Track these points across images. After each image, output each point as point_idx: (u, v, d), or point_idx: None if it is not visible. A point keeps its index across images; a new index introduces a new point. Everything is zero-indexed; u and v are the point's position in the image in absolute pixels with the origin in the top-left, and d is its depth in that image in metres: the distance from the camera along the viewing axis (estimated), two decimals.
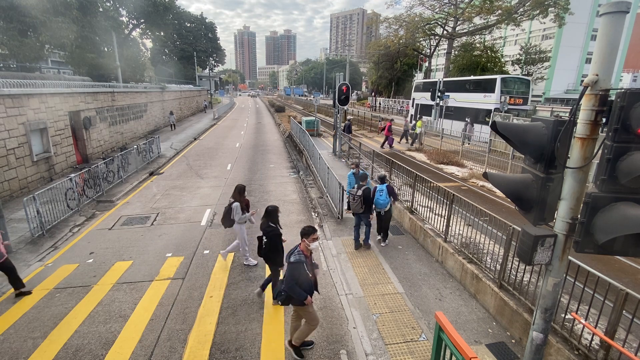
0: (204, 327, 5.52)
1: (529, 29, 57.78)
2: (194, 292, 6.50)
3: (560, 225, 2.63)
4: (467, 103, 27.20)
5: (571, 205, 2.56)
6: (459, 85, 29.53)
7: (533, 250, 2.58)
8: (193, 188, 13.25)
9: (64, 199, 9.92)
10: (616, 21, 2.26)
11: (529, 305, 5.05)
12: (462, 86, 29.12)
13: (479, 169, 15.60)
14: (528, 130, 2.67)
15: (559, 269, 2.67)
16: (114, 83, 23.67)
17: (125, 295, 6.38)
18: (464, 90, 28.43)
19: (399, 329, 5.43)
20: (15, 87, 11.92)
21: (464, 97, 27.73)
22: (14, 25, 17.57)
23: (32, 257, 7.89)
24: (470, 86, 28.35)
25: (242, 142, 24.37)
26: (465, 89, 28.46)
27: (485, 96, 25.26)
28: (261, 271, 7.20)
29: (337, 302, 6.17)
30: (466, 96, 27.57)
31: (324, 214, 10.19)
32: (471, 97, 27.03)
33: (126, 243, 8.58)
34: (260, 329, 5.47)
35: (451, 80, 32.74)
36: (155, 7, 32.62)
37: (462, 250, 6.93)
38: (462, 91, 28.48)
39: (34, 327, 5.55)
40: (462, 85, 29.39)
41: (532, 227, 2.72)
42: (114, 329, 5.50)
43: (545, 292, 2.74)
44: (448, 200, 7.23)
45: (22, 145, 12.02)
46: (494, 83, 24.78)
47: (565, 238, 2.61)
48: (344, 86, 17.18)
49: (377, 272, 7.08)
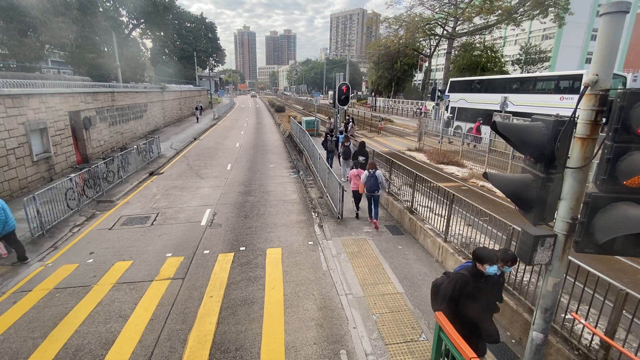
0: (204, 327, 5.52)
1: (529, 29, 57.81)
2: (194, 292, 6.50)
3: (560, 225, 2.63)
4: (532, 107, 19.05)
5: (571, 205, 2.57)
6: (520, 84, 22.26)
7: (533, 250, 2.59)
8: (193, 188, 13.25)
9: (64, 199, 9.91)
10: (616, 21, 2.26)
11: (528, 305, 5.05)
12: (524, 85, 21.90)
13: (479, 169, 15.61)
14: (528, 130, 2.67)
15: (559, 269, 2.67)
16: (114, 83, 23.67)
17: (125, 295, 6.38)
18: (526, 90, 21.37)
19: (399, 329, 5.43)
20: (15, 87, 11.92)
21: (527, 99, 20.50)
22: (14, 25, 17.58)
23: (32, 257, 7.88)
24: (538, 85, 21.05)
25: (242, 142, 24.38)
26: (528, 89, 21.34)
27: (563, 98, 18.26)
28: (261, 271, 7.20)
29: (337, 302, 6.17)
30: (531, 99, 20.35)
31: (324, 214, 10.19)
32: (540, 100, 19.53)
33: (126, 243, 8.58)
34: (261, 329, 5.47)
35: (506, 77, 26.23)
36: (155, 7, 32.63)
37: (462, 250, 6.93)
38: (522, 92, 21.46)
39: (34, 327, 5.55)
40: (524, 84, 22.04)
41: (532, 227, 2.72)
42: (114, 329, 5.49)
43: (545, 292, 2.75)
44: (448, 200, 7.24)
45: (22, 145, 12.02)
46: (580, 80, 17.43)
47: (565, 238, 2.61)
48: (344, 86, 17.18)
49: (377, 272, 7.08)
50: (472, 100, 25.12)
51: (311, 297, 6.32)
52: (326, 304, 6.12)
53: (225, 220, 10.04)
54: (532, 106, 19.49)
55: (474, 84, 26.81)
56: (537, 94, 20.31)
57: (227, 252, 8.04)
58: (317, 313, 5.85)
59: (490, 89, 24.05)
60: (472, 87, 26.55)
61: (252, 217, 10.29)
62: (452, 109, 27.87)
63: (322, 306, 6.04)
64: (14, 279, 7.00)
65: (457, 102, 26.91)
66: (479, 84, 26.15)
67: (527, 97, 20.59)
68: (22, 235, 8.65)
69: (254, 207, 11.16)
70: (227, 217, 10.24)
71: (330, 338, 5.28)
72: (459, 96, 26.84)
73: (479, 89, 25.23)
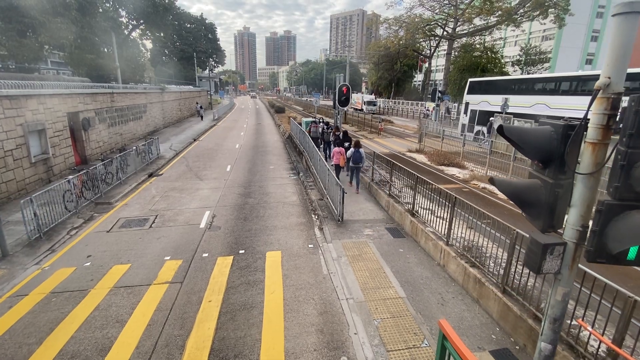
0: (203, 332, 5.42)
1: (529, 30, 57.81)
2: (193, 296, 6.40)
3: (570, 233, 2.54)
4: (574, 112, 15.33)
5: (581, 213, 2.48)
6: (560, 85, 18.76)
7: (542, 259, 2.49)
8: (192, 190, 13.16)
9: (61, 201, 9.82)
10: (629, 22, 2.18)
11: (533, 311, 4.95)
12: (564, 86, 18.38)
13: (480, 170, 15.52)
14: (536, 135, 2.59)
15: (568, 278, 2.58)
16: (114, 84, 23.60)
17: (122, 300, 6.28)
18: (567, 92, 17.93)
19: (400, 334, 5.33)
20: (13, 88, 11.84)
21: (567, 102, 17.07)
22: (12, 26, 17.49)
23: (29, 260, 7.79)
24: (586, 86, 16.99)
25: (242, 143, 24.29)
26: (569, 91, 17.86)
27: None
28: (260, 275, 7.11)
29: (337, 306, 6.08)
30: (570, 101, 16.92)
31: (324, 216, 10.10)
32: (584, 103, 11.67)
33: (124, 246, 8.49)
34: (260, 334, 5.38)
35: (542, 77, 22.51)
36: (154, 7, 32.58)
37: (464, 254, 6.84)
38: (560, 93, 18.30)
39: (29, 332, 5.46)
40: (564, 84, 18.43)
41: (540, 235, 2.63)
42: (110, 334, 5.40)
43: (554, 302, 2.65)
44: (450, 203, 7.15)
45: (20, 147, 11.93)
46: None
47: (576, 246, 2.52)
48: (344, 87, 17.11)
49: (378, 276, 6.99)
50: (497, 102, 22.00)
51: (311, 301, 6.22)
52: (327, 308, 6.02)
53: (224, 222, 9.95)
54: (572, 110, 15.95)
55: (500, 84, 23.92)
56: (580, 96, 16.51)
57: (226, 255, 7.95)
58: (317, 318, 5.75)
59: (520, 90, 21.45)
60: (497, 87, 23.57)
61: (251, 219, 10.19)
62: (471, 112, 25.02)
63: (323, 311, 5.95)
64: (10, 283, 6.91)
65: (479, 104, 24.16)
66: (507, 84, 23.33)
67: (566, 99, 17.27)
68: (19, 238, 8.58)
69: (253, 209, 11.07)
70: (226, 220, 10.14)
71: (330, 344, 5.18)
72: (481, 98, 24.14)
73: (507, 89, 22.44)
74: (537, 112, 18.90)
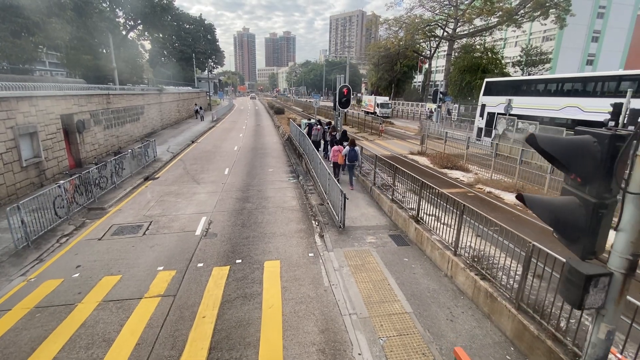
0: (195, 353, 5.04)
1: (530, 30, 57.48)
2: (186, 311, 6.02)
3: (617, 262, 2.17)
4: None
5: (632, 239, 2.11)
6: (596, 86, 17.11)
7: (585, 292, 2.13)
8: (189, 194, 12.77)
9: (52, 207, 9.43)
10: None
11: (552, 331, 4.58)
12: (603, 85, 16.77)
13: (485, 173, 15.16)
14: (575, 147, 2.22)
15: (614, 314, 2.21)
16: (110, 85, 23.21)
17: (111, 316, 5.89)
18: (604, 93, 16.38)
19: (408, 355, 4.95)
20: (3, 90, 11.45)
21: (607, 105, 13.35)
22: (6, 26, 17.09)
23: (14, 271, 7.41)
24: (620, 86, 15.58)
25: (240, 145, 23.90)
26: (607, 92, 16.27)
27: None
28: (258, 287, 6.73)
29: (340, 323, 5.70)
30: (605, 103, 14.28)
31: (325, 223, 9.72)
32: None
33: (116, 255, 8.10)
34: (257, 355, 4.99)
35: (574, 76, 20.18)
36: (152, 8, 32.19)
37: (473, 265, 6.46)
38: (598, 94, 16.69)
39: (9, 353, 5.06)
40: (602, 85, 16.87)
41: (579, 263, 2.26)
42: (96, 355, 5.01)
43: (597, 340, 2.28)
44: (458, 210, 6.77)
45: (10, 150, 11.54)
46: None
47: (624, 278, 2.15)
48: (345, 88, 16.76)
49: (382, 288, 6.61)
50: (520, 105, 20.67)
51: (312, 317, 5.84)
52: (328, 325, 5.64)
53: (221, 229, 9.56)
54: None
55: (523, 85, 22.39)
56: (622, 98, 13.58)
57: (222, 266, 7.56)
58: (318, 336, 5.37)
59: (546, 91, 20.04)
60: (520, 88, 22.24)
61: (249, 225, 9.81)
62: (488, 116, 23.35)
63: (324, 328, 5.56)
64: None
65: (497, 107, 22.49)
66: (530, 84, 21.72)
67: (605, 101, 14.89)
68: (5, 247, 8.19)
69: (251, 214, 10.69)
70: (223, 226, 9.76)
71: None
72: (499, 100, 22.51)
73: (531, 91, 20.96)
74: (567, 115, 17.68)
